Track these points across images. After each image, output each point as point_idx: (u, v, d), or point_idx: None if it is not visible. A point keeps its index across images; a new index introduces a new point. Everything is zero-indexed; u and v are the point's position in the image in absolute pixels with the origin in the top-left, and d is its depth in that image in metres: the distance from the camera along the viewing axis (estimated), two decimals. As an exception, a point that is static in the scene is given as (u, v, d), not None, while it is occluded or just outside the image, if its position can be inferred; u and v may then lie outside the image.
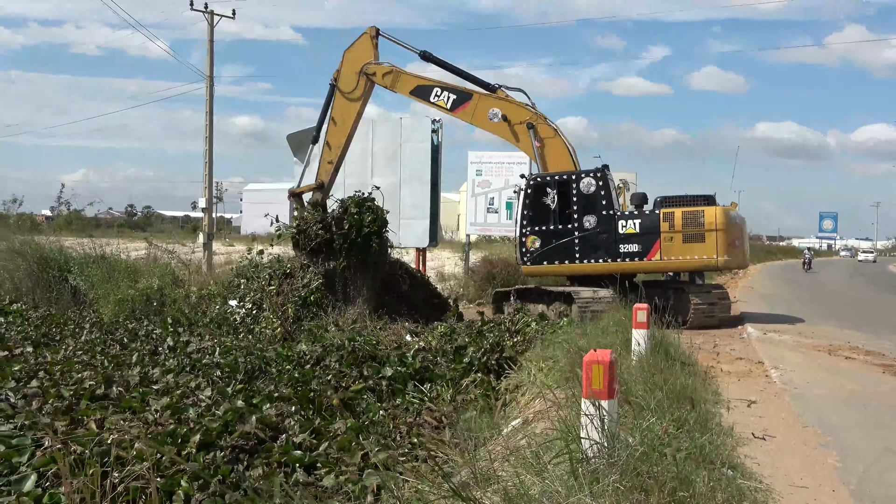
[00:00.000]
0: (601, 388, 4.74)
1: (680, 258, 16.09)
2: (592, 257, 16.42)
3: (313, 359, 11.22)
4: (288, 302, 15.82)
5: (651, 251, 16.07)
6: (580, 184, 16.46)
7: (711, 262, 16.04)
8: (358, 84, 17.63)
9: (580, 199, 16.47)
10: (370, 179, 23.75)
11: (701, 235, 15.86)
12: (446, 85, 17.48)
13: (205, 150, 34.37)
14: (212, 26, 34.32)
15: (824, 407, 8.79)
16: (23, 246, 22.12)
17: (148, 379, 9.50)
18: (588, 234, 16.40)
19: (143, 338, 13.63)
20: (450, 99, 17.27)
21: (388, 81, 17.66)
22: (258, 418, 7.10)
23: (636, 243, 16.17)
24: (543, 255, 16.84)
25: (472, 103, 17.18)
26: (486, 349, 10.93)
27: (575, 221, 16.49)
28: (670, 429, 5.42)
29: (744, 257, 16.67)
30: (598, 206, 16.36)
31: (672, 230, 15.96)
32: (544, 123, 17.01)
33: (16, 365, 9.72)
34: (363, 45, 17.74)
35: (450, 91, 17.31)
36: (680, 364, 9.36)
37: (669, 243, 15.99)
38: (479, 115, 17.10)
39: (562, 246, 16.64)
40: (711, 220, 15.85)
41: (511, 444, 6.27)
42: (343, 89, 17.75)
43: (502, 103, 17.08)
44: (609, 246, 16.31)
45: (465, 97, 17.25)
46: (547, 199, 16.68)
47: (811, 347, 13.44)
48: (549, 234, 16.76)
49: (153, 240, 25.74)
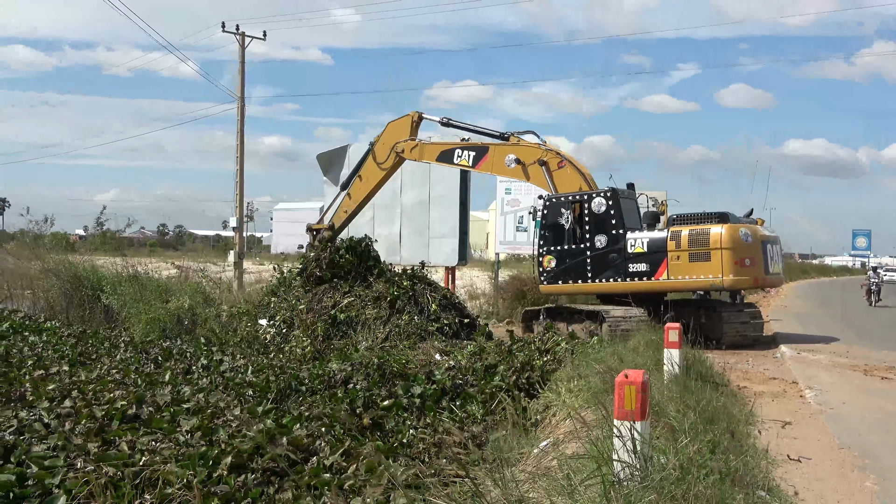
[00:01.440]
0: (633, 409, 4.68)
1: (687, 278, 15.84)
2: (604, 277, 16.41)
3: (342, 378, 11.23)
4: (318, 320, 15.88)
5: (658, 270, 15.91)
6: (591, 204, 16.49)
7: (717, 282, 15.71)
8: (388, 157, 19.17)
9: (592, 219, 16.51)
10: (399, 198, 23.87)
11: (707, 255, 15.57)
12: (465, 144, 18.65)
13: (236, 169, 34.67)
14: (243, 48, 34.68)
15: (861, 428, 8.64)
16: (57, 265, 22.41)
17: (180, 398, 9.53)
18: (599, 254, 16.40)
19: (178, 356, 13.70)
20: (470, 156, 18.46)
21: (415, 154, 19.13)
22: (289, 440, 7.09)
23: (644, 262, 16.03)
24: (559, 275, 16.95)
25: (490, 155, 18.20)
26: (515, 368, 10.87)
27: (587, 241, 16.53)
28: (704, 451, 5.34)
29: (760, 276, 16.19)
30: (608, 226, 16.36)
31: (678, 249, 15.74)
32: (555, 157, 17.38)
33: (51, 384, 9.79)
34: (404, 125, 19.18)
35: (469, 149, 18.50)
36: (713, 384, 9.26)
37: (676, 262, 15.75)
38: (496, 164, 18.08)
39: (575, 265, 16.69)
40: (717, 238, 15.54)
41: (541, 465, 6.21)
42: (377, 156, 19.33)
43: (515, 149, 17.81)
44: (619, 265, 16.26)
45: (482, 151, 18.35)
46: (561, 220, 16.80)
47: (846, 367, 13.24)
48: (563, 254, 16.88)
49: (183, 259, 25.93)
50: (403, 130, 19.13)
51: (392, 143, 19.16)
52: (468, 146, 18.55)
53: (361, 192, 19.84)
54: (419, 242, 23.54)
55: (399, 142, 19.05)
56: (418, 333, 15.12)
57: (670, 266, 15.76)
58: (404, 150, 19.06)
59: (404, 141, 19.03)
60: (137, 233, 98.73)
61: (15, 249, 31.02)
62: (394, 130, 19.26)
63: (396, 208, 24.11)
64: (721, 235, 15.50)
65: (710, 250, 15.55)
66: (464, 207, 23.74)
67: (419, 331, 15.26)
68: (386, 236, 24.36)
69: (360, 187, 19.82)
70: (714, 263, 15.52)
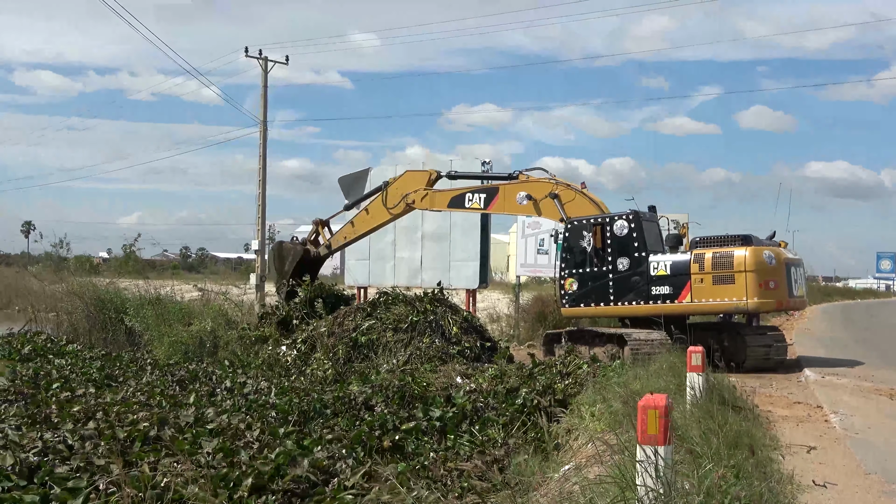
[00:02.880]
0: (656, 433, 4.66)
1: (711, 301, 15.66)
2: (626, 299, 16.31)
3: (363, 400, 11.23)
4: (339, 343, 15.91)
5: (682, 293, 15.76)
6: (614, 226, 16.46)
7: (741, 305, 15.53)
8: (398, 204, 19.59)
9: (614, 242, 16.45)
10: (421, 223, 23.93)
11: (731, 277, 15.38)
12: (475, 188, 19.08)
13: (258, 192, 34.93)
14: (266, 72, 35.04)
15: (887, 453, 8.54)
16: (81, 288, 22.61)
17: (203, 419, 9.56)
18: (622, 276, 16.32)
19: (203, 379, 13.76)
20: (481, 199, 18.75)
21: (426, 203, 19.55)
22: (310, 461, 7.10)
23: (668, 285, 15.89)
24: (580, 297, 16.87)
25: (500, 195, 18.51)
26: (537, 391, 10.84)
27: (609, 264, 16.47)
28: (728, 475, 5.30)
29: (784, 298, 16.07)
30: (630, 249, 16.30)
31: (702, 272, 15.57)
32: (566, 189, 17.48)
33: (76, 406, 9.86)
34: (421, 178, 19.61)
35: (479, 192, 18.85)
36: (736, 408, 9.19)
37: (700, 285, 15.58)
38: (508, 203, 18.37)
39: (597, 288, 16.61)
40: (741, 261, 15.36)
41: (564, 489, 6.18)
42: (388, 199, 19.75)
43: (525, 186, 18.11)
44: (641, 288, 16.14)
45: (493, 192, 18.69)
46: (583, 242, 16.77)
47: (872, 391, 13.09)
48: (585, 277, 16.81)
49: (204, 282, 26.08)
50: (419, 182, 19.53)
51: (405, 190, 19.54)
52: (478, 189, 18.91)
53: (365, 225, 20.45)
54: (440, 266, 23.57)
55: (410, 192, 19.45)
56: (439, 356, 15.09)
57: (694, 289, 15.64)
58: (415, 200, 19.47)
59: (415, 192, 19.41)
60: (160, 255, 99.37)
61: (39, 272, 31.37)
62: (410, 179, 19.70)
63: (417, 231, 24.18)
64: (745, 258, 15.35)
65: (734, 273, 15.38)
66: (484, 230, 23.79)
67: (440, 354, 15.23)
68: (407, 259, 24.44)
69: (364, 220, 20.39)
70: (738, 286, 15.36)
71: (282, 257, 21.00)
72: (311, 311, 18.46)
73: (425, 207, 19.79)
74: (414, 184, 19.53)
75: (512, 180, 18.50)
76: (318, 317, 18.14)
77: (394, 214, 19.88)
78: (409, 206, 19.57)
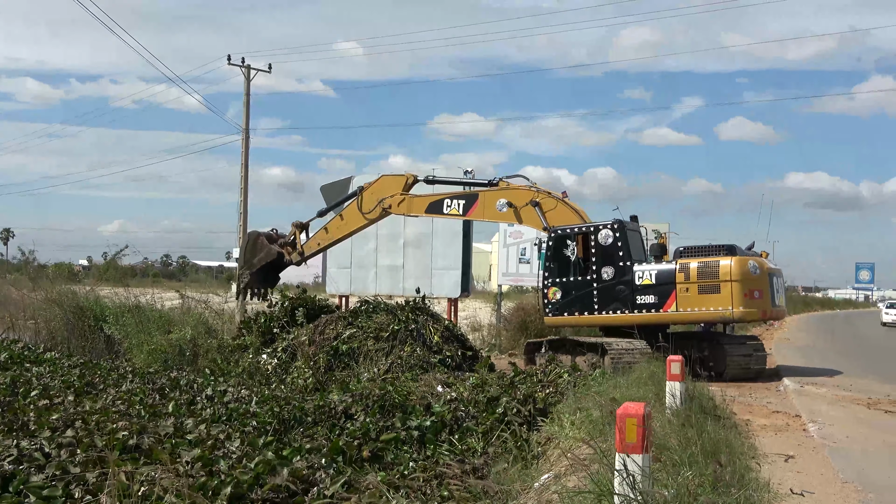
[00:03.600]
0: (635, 442, 4.68)
1: (696, 310, 15.81)
2: (611, 308, 16.36)
3: (343, 409, 11.20)
4: (320, 352, 15.86)
5: (667, 303, 15.88)
6: (598, 236, 16.50)
7: (727, 314, 15.71)
8: (374, 209, 19.26)
9: (598, 251, 16.50)
10: (402, 231, 23.93)
11: (716, 287, 15.59)
12: (453, 194, 18.87)
13: (240, 200, 34.84)
14: (248, 80, 35.00)
15: (864, 462, 8.60)
16: (60, 295, 22.43)
17: (182, 429, 9.50)
18: (606, 286, 16.36)
19: (184, 387, 13.63)
20: (460, 205, 18.56)
21: (403, 209, 19.26)
22: (290, 471, 7.07)
23: (653, 294, 16.00)
24: (564, 307, 16.91)
25: (480, 202, 18.30)
26: (518, 400, 10.84)
27: (594, 273, 16.50)
28: (705, 484, 5.33)
29: (767, 308, 16.26)
30: (615, 258, 16.36)
31: (687, 281, 15.75)
32: (547, 198, 17.46)
33: (54, 414, 9.76)
34: (397, 182, 19.23)
35: (458, 199, 18.65)
36: (715, 417, 9.24)
37: (685, 294, 15.74)
38: (488, 210, 18.20)
39: (581, 297, 16.65)
40: (727, 271, 15.58)
41: (543, 498, 6.19)
42: (363, 204, 19.35)
43: (505, 193, 17.94)
44: (626, 297, 16.21)
45: (472, 199, 18.48)
46: (567, 251, 16.80)
47: (850, 401, 13.20)
48: (569, 286, 16.85)
49: (185, 289, 25.92)
50: (395, 187, 19.21)
51: (381, 195, 19.20)
52: (457, 195, 18.71)
53: (339, 231, 20.08)
54: (422, 274, 23.55)
55: (387, 197, 19.12)
56: (420, 365, 15.06)
57: (679, 298, 15.76)
58: (391, 205, 19.11)
59: (391, 196, 19.09)
60: (141, 262, 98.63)
61: (17, 280, 31.08)
62: (386, 184, 19.35)
63: (399, 239, 24.18)
64: (731, 268, 15.55)
65: (719, 283, 15.58)
66: (466, 239, 23.79)
67: (421, 362, 15.20)
68: (389, 268, 24.42)
69: (339, 226, 20.04)
70: (724, 296, 15.54)
71: (254, 250, 20.65)
72: (291, 319, 18.38)
73: (402, 213, 19.55)
74: (390, 188, 19.22)
75: (492, 187, 18.31)
76: (298, 325, 18.08)
77: (369, 220, 19.56)
78: (386, 210, 19.27)
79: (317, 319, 17.58)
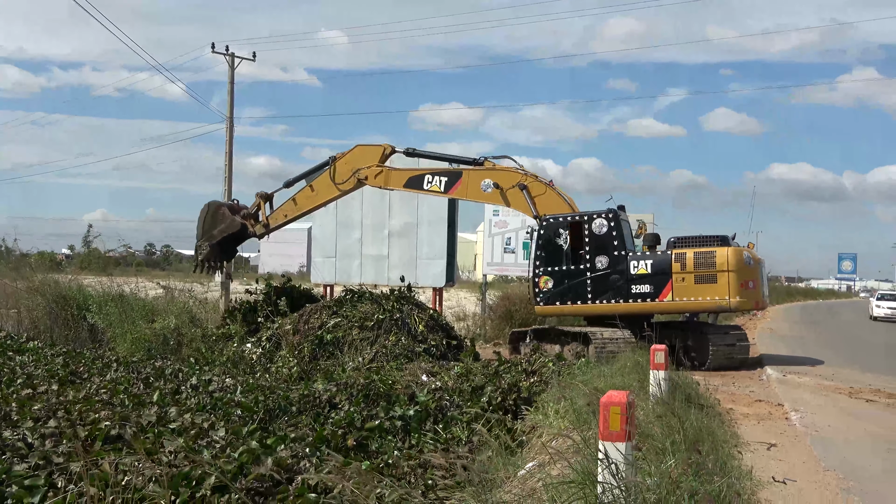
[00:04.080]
0: (618, 430, 4.69)
1: (692, 299, 15.96)
2: (605, 298, 16.34)
3: (327, 398, 11.21)
4: (304, 341, 15.84)
5: (663, 292, 15.97)
6: (592, 225, 16.45)
7: (724, 304, 15.94)
8: (349, 180, 18.59)
9: (592, 240, 16.45)
10: (388, 221, 23.90)
11: (713, 276, 15.77)
12: (435, 170, 18.16)
13: (224, 189, 34.63)
14: (232, 69, 34.76)
15: (846, 451, 8.67)
16: (42, 284, 22.30)
17: (165, 418, 9.46)
18: (600, 275, 16.33)
19: (169, 377, 13.56)
20: (442, 182, 17.90)
21: (380, 181, 18.56)
22: (274, 460, 7.06)
23: (648, 284, 16.08)
24: (556, 296, 16.81)
25: (464, 180, 17.75)
26: (502, 390, 10.86)
27: (587, 262, 16.46)
28: (688, 472, 5.35)
29: (759, 298, 16.49)
30: (609, 247, 16.34)
31: (684, 271, 15.89)
32: (535, 182, 17.27)
33: (37, 403, 9.70)
34: (373, 153, 18.52)
35: (440, 175, 17.96)
36: (698, 406, 9.28)
37: (682, 284, 15.88)
38: (471, 189, 17.72)
39: (574, 286, 16.58)
40: (723, 261, 15.78)
41: (527, 486, 6.21)
42: (336, 175, 18.60)
43: (492, 173, 17.53)
44: (621, 287, 16.23)
45: (455, 176, 17.84)
46: (560, 240, 16.68)
47: (832, 390, 13.29)
48: (562, 275, 16.73)
49: (169, 279, 25.80)
50: (371, 157, 18.57)
51: (356, 165, 18.52)
52: (439, 171, 18.09)
53: (309, 202, 19.34)
54: (407, 263, 23.53)
55: (363, 168, 18.48)
56: (405, 354, 15.07)
57: (675, 287, 15.90)
58: (368, 176, 18.43)
59: (368, 167, 18.45)
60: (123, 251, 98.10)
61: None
62: (361, 154, 18.64)
63: (384, 229, 24.15)
64: (727, 258, 15.77)
65: (716, 272, 15.78)
66: (452, 229, 23.78)
67: (406, 352, 15.21)
68: (374, 257, 24.38)
69: (309, 197, 19.27)
70: (720, 285, 15.72)
71: (214, 220, 19.90)
72: (275, 308, 18.31)
73: (379, 185, 18.82)
74: (366, 159, 18.61)
75: (477, 166, 17.89)
76: (282, 314, 18.03)
77: (343, 190, 18.93)
78: (361, 181, 18.66)
79: (301, 309, 17.55)
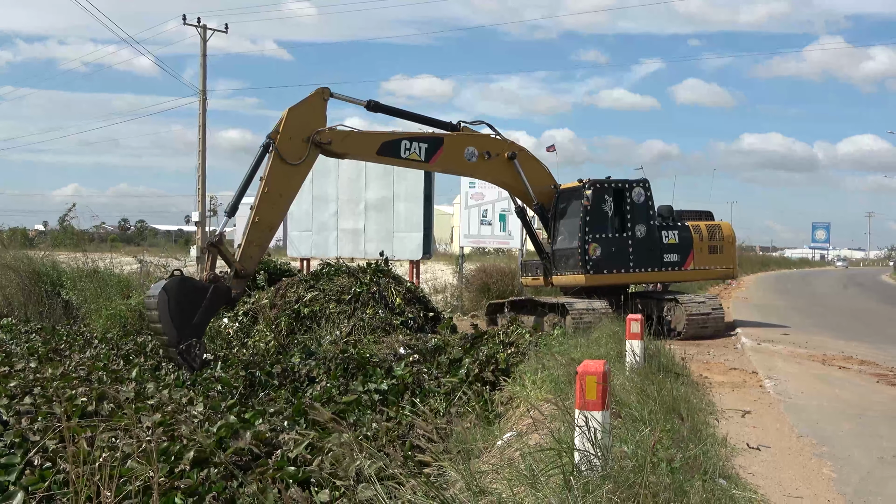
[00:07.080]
0: (595, 399, 4.74)
1: (707, 268, 17.28)
2: (641, 266, 16.68)
3: (305, 372, 11.24)
4: (281, 315, 15.80)
5: (687, 261, 16.92)
6: (633, 193, 16.63)
7: (730, 272, 17.92)
8: (308, 153, 13.87)
9: (633, 209, 16.64)
10: (364, 194, 23.82)
11: (720, 247, 17.24)
12: (413, 134, 15.21)
13: (198, 163, 34.41)
14: (205, 41, 34.40)
15: (819, 417, 8.79)
16: (15, 261, 22.06)
17: (143, 394, 9.44)
18: (639, 243, 16.62)
19: (150, 353, 13.43)
20: (422, 150, 15.07)
21: (346, 147, 14.65)
22: (252, 434, 7.07)
23: (676, 253, 16.88)
24: (603, 264, 16.28)
25: (445, 148, 15.35)
26: (480, 361, 10.91)
27: (629, 230, 16.60)
28: (664, 440, 5.41)
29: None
30: (646, 216, 16.71)
31: (701, 241, 17.07)
32: (520, 149, 16.38)
33: (14, 381, 9.63)
34: (313, 108, 14.11)
35: (419, 141, 15.08)
36: (674, 375, 9.37)
37: (701, 254, 17.03)
38: (455, 159, 15.55)
39: (618, 253, 16.46)
40: (728, 233, 17.48)
41: (505, 455, 6.25)
42: (284, 154, 13.53)
43: (477, 140, 15.82)
44: (655, 255, 16.74)
45: (436, 143, 15.26)
46: (605, 207, 16.41)
47: (805, 357, 13.45)
48: (608, 242, 16.36)
49: (144, 254, 25.61)
50: (316, 116, 14.11)
51: (302, 133, 13.83)
52: (418, 137, 15.18)
53: (276, 212, 13.93)
54: (384, 236, 23.48)
55: (319, 131, 13.93)
56: (382, 327, 15.08)
57: (696, 257, 16.99)
58: (332, 141, 14.07)
59: (329, 130, 14.13)
60: (97, 227, 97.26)
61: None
62: (299, 118, 13.83)
63: (360, 203, 24.07)
64: (730, 230, 17.57)
65: (722, 243, 17.35)
66: (428, 202, 23.66)
67: (383, 324, 15.22)
68: (350, 231, 24.32)
69: (272, 207, 13.60)
70: (727, 255, 17.46)
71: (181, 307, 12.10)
72: (252, 283, 18.22)
73: (343, 152, 14.70)
74: (307, 120, 13.94)
75: (454, 132, 15.80)
76: (259, 289, 17.97)
77: (301, 168, 13.89)
78: (324, 147, 14.00)
79: (278, 283, 17.50)
